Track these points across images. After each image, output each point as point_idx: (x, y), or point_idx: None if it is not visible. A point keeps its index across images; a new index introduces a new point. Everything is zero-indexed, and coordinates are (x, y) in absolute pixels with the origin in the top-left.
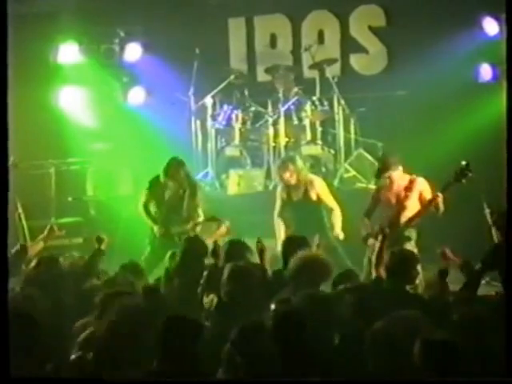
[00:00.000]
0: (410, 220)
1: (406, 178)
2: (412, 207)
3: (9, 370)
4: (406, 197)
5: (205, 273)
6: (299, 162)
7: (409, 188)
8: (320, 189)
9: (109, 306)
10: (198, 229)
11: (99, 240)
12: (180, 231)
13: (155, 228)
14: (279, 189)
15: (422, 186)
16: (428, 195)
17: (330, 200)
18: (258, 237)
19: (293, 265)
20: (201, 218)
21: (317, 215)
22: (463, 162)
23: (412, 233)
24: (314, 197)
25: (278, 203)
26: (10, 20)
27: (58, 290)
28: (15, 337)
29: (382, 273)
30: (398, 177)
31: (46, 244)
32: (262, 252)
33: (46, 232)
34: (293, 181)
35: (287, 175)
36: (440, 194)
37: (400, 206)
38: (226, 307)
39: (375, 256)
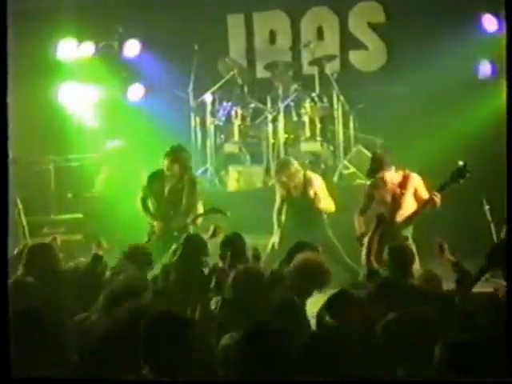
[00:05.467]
0: (407, 219)
1: (399, 173)
2: (407, 205)
3: (9, 370)
4: (402, 194)
5: (214, 277)
6: (295, 165)
7: (403, 185)
8: (318, 187)
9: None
10: (199, 221)
11: (99, 245)
12: (180, 225)
13: (155, 224)
14: (278, 185)
15: (416, 182)
16: (423, 191)
17: (326, 199)
18: (254, 248)
19: (295, 264)
20: (201, 211)
21: (315, 212)
22: (460, 163)
23: (409, 231)
24: (312, 194)
25: (278, 199)
26: (9, 16)
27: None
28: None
29: (374, 264)
30: (391, 177)
31: None
32: (256, 258)
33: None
34: (291, 183)
35: (284, 179)
36: (438, 194)
37: (396, 204)
38: (231, 308)
39: (366, 245)
